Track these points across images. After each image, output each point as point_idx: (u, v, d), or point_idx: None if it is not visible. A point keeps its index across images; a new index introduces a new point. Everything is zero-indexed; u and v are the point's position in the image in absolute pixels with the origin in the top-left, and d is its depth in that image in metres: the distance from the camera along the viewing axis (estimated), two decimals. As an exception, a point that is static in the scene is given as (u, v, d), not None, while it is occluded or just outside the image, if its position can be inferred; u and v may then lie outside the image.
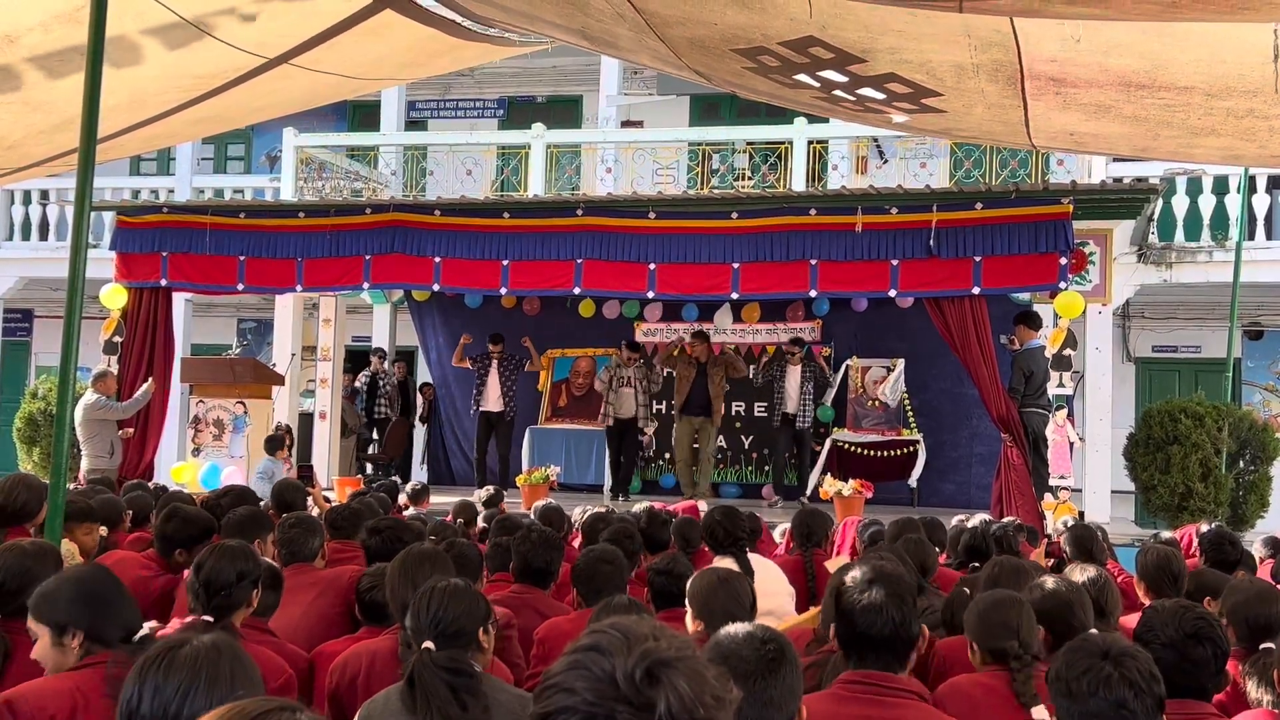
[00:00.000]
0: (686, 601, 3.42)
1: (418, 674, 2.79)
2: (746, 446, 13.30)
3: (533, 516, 6.56)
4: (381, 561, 4.49)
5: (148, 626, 3.77)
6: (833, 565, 5.59)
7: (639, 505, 7.84)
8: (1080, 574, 4.01)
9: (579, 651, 1.35)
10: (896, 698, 2.71)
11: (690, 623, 3.39)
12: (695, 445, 12.15)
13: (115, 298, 11.36)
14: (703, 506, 10.53)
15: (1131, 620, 4.21)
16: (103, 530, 5.28)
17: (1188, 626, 2.94)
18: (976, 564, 5.31)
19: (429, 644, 2.87)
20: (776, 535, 7.66)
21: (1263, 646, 3.51)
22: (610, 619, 1.41)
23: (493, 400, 12.75)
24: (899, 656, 2.82)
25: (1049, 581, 3.66)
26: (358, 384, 14.15)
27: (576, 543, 6.58)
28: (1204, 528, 6.57)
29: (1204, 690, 2.96)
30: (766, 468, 13.04)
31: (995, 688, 3.24)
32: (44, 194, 15.63)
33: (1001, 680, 3.25)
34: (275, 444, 10.63)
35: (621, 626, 1.37)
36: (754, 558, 5.25)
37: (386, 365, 14.42)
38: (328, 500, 9.33)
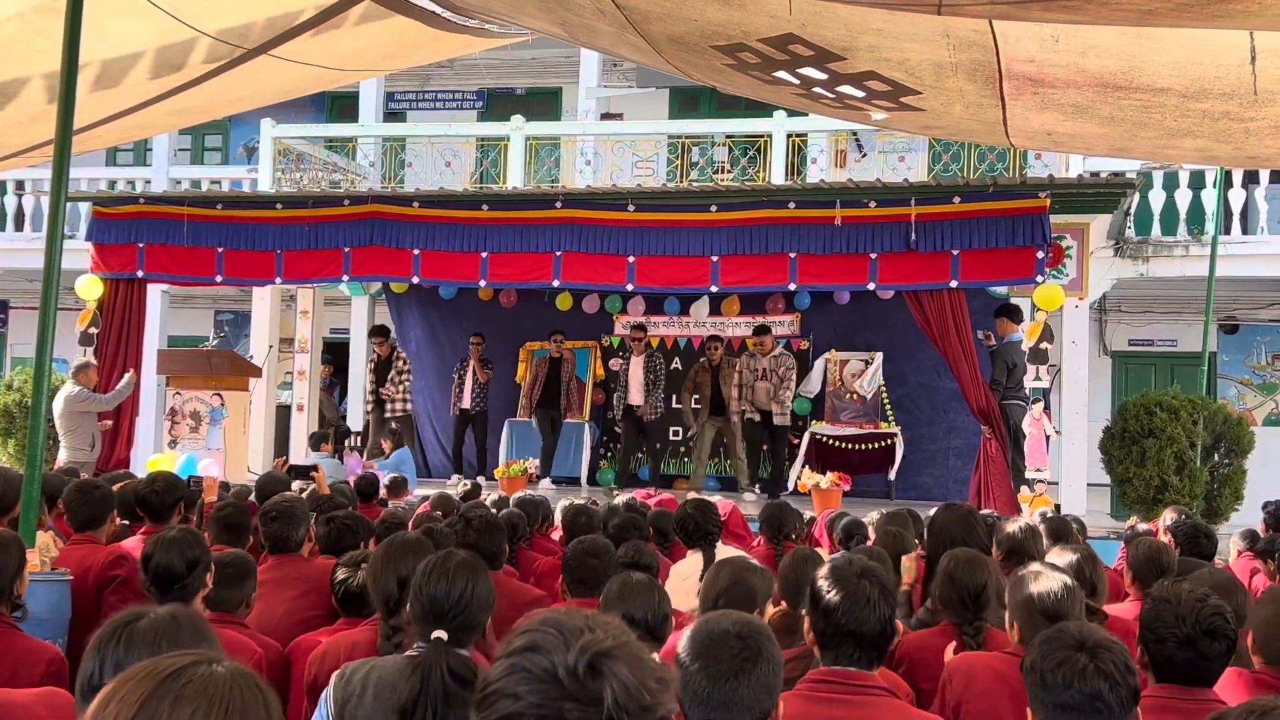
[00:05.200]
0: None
1: (425, 668, 2.58)
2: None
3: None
4: (333, 554, 4.44)
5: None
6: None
7: (620, 498, 7.86)
8: (1062, 556, 4.02)
9: (515, 654, 1.30)
10: (865, 695, 2.62)
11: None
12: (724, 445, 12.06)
13: (91, 289, 11.28)
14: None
15: (1118, 609, 4.27)
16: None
17: (1204, 623, 2.85)
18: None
19: (441, 633, 2.64)
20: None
21: None
22: (541, 614, 1.35)
23: (469, 398, 12.82)
24: (879, 653, 2.73)
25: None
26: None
27: (556, 536, 6.57)
28: (1170, 517, 6.54)
29: (1211, 679, 2.91)
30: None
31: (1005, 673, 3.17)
32: (19, 184, 15.50)
33: (1011, 665, 3.14)
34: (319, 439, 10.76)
35: (553, 621, 1.32)
36: (726, 550, 5.27)
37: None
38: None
